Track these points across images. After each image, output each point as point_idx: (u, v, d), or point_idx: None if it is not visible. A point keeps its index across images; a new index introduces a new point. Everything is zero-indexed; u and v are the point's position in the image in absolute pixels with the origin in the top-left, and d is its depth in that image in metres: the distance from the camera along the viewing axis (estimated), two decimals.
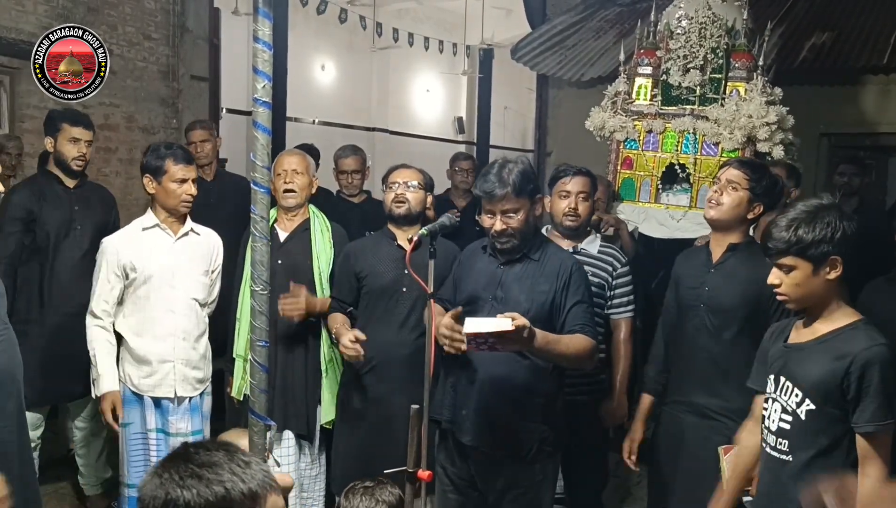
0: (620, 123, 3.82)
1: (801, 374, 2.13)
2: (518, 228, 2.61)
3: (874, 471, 2.02)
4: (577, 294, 2.63)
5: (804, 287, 2.11)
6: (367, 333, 2.99)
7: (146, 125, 5.59)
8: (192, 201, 3.24)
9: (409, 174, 3.23)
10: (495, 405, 2.63)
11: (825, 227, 2.06)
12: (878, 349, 2.04)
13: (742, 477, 2.41)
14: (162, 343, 3.22)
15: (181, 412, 3.24)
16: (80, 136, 3.63)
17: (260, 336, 2.29)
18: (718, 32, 3.67)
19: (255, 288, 2.28)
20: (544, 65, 6.40)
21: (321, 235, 3.38)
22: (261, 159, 2.28)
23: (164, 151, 3.23)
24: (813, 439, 2.12)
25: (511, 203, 2.58)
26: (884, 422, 2.01)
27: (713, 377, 2.76)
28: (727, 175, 2.79)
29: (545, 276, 2.64)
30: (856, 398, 2.03)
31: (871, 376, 2.01)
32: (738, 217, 2.76)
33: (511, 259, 2.68)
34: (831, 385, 2.06)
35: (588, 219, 3.29)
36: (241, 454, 1.23)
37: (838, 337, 2.11)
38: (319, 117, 8.79)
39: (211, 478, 1.17)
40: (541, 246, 2.72)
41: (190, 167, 3.23)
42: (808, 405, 2.11)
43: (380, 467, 2.73)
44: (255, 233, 2.28)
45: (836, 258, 2.07)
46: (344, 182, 4.70)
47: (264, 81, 2.25)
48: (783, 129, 3.61)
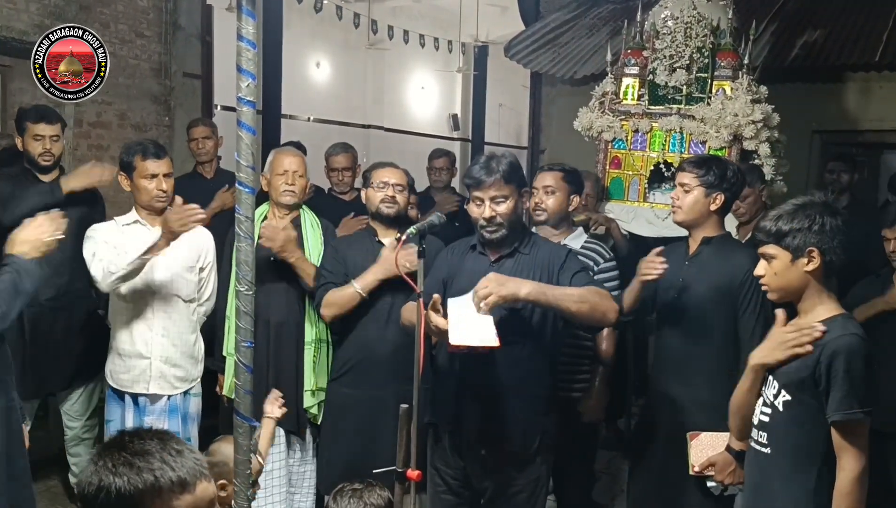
0: (608, 123, 3.85)
1: (780, 366, 2.16)
2: (506, 215, 2.63)
3: (847, 463, 2.03)
4: (573, 268, 2.64)
5: (782, 277, 2.16)
6: (351, 330, 3.01)
7: (138, 123, 5.59)
8: (165, 195, 3.20)
9: (397, 175, 3.25)
10: (500, 402, 2.63)
11: (804, 219, 2.11)
12: (846, 339, 2.05)
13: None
14: (139, 339, 3.21)
15: (157, 412, 3.23)
16: (43, 132, 3.62)
17: (245, 337, 2.30)
18: (704, 32, 3.70)
19: (240, 288, 2.28)
20: (537, 62, 6.40)
21: (312, 230, 3.40)
22: (245, 159, 2.28)
23: (134, 148, 3.22)
24: (789, 430, 2.14)
25: (500, 190, 2.61)
26: (850, 411, 2.02)
27: (685, 369, 2.82)
28: (679, 179, 2.90)
29: (539, 268, 2.66)
30: (826, 388, 2.06)
31: (838, 365, 2.03)
32: (701, 213, 2.84)
33: (502, 255, 2.69)
34: (804, 376, 2.09)
35: (561, 213, 3.28)
36: (175, 442, 1.29)
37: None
38: (315, 115, 8.79)
39: (141, 466, 1.23)
40: (530, 240, 2.75)
41: (161, 162, 3.19)
42: (785, 397, 2.14)
43: (367, 465, 2.74)
44: (240, 233, 2.28)
45: (812, 250, 2.10)
46: (335, 179, 4.71)
47: (248, 80, 2.25)
48: (769, 127, 3.64)
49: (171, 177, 3.25)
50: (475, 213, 2.67)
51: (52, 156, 3.67)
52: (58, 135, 3.69)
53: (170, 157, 3.32)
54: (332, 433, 3.23)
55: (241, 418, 2.27)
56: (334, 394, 3.24)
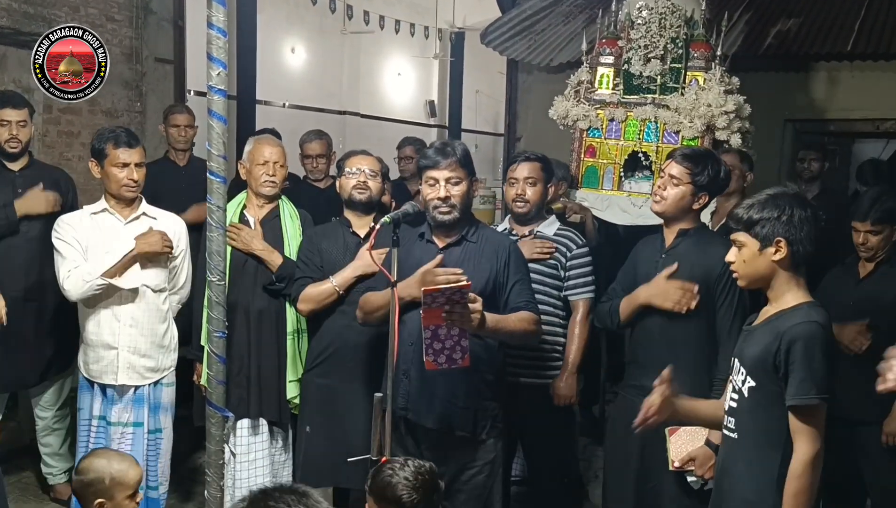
0: (583, 111, 3.85)
1: (747, 353, 2.22)
2: (460, 198, 2.70)
3: (802, 447, 2.07)
4: (518, 273, 2.77)
5: (750, 265, 2.21)
6: (324, 321, 3.01)
7: (109, 109, 5.49)
8: (135, 185, 3.19)
9: (370, 162, 3.25)
10: (451, 387, 2.69)
11: (774, 208, 2.16)
12: (805, 326, 2.10)
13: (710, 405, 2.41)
14: (107, 329, 3.19)
15: (124, 402, 3.21)
16: (9, 117, 3.58)
17: (217, 327, 2.30)
18: (678, 23, 3.72)
19: (212, 279, 2.28)
20: (514, 50, 6.38)
21: (291, 221, 3.39)
22: (216, 149, 2.27)
23: (106, 135, 3.20)
24: (754, 416, 2.18)
25: (454, 171, 2.69)
26: (806, 396, 2.06)
27: (664, 361, 2.80)
28: (669, 169, 2.87)
29: (485, 257, 2.74)
30: (785, 373, 2.10)
31: (796, 351, 2.08)
32: (683, 210, 2.84)
33: (450, 243, 2.75)
34: (767, 362, 2.13)
35: (540, 203, 3.32)
36: (313, 501, 1.25)
37: (781, 317, 2.18)
38: (290, 101, 8.70)
39: None
40: (477, 229, 2.81)
41: (133, 151, 3.17)
42: (750, 383, 2.18)
43: (342, 454, 2.76)
44: (212, 223, 2.27)
45: (780, 240, 2.14)
46: (309, 167, 4.67)
47: (219, 69, 2.24)
48: (741, 117, 3.67)
49: (142, 166, 3.22)
50: (429, 194, 2.71)
51: (19, 142, 3.61)
52: (25, 120, 3.63)
53: (142, 146, 3.29)
54: (309, 424, 3.22)
55: (213, 408, 2.27)
56: (309, 384, 3.24)
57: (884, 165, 5.96)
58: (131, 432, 3.20)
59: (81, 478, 2.25)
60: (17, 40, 4.85)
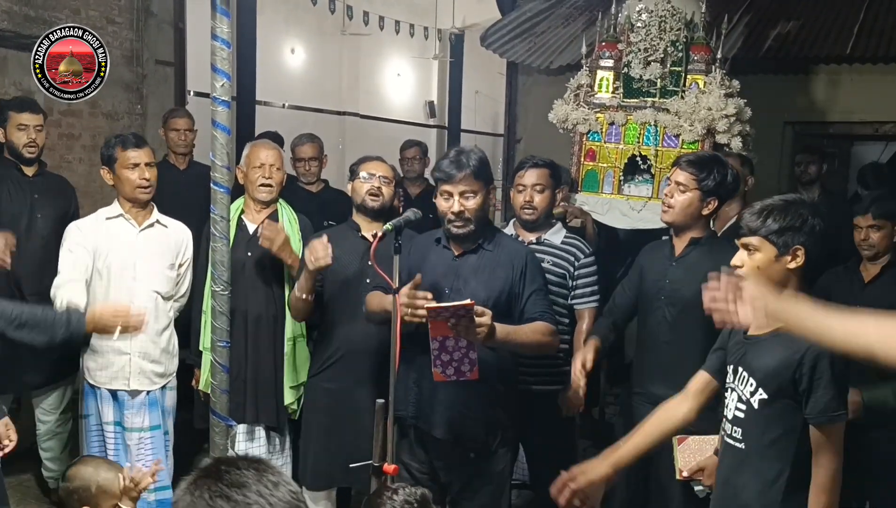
0: (583, 115, 3.86)
1: (756, 364, 2.18)
2: (474, 211, 2.66)
3: (827, 461, 2.07)
4: (534, 283, 2.71)
5: (764, 271, 2.17)
6: (332, 325, 3.00)
7: (110, 111, 5.49)
8: (149, 185, 3.20)
9: (384, 168, 3.24)
10: (461, 397, 2.67)
11: (796, 217, 2.14)
12: None
13: (647, 434, 2.34)
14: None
15: (137, 406, 3.23)
16: (27, 122, 3.60)
17: (221, 337, 2.31)
18: (678, 26, 3.73)
19: (216, 289, 2.28)
20: (513, 52, 6.39)
21: (289, 226, 3.38)
22: (220, 159, 2.28)
23: (113, 140, 3.24)
24: (764, 427, 2.17)
25: (469, 184, 2.64)
26: (836, 413, 2.06)
27: (672, 369, 2.80)
28: (675, 176, 2.85)
29: (501, 266, 2.70)
30: (808, 389, 2.08)
31: (823, 368, 2.06)
32: (692, 216, 2.82)
33: (466, 250, 2.72)
34: (784, 376, 2.11)
35: (548, 209, 3.31)
36: (271, 473, 1.23)
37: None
38: (289, 101, 8.70)
39: (239, 500, 1.18)
40: (494, 237, 2.78)
41: (141, 151, 3.19)
42: (761, 395, 2.16)
43: (346, 460, 2.76)
44: (216, 233, 2.28)
45: (799, 248, 2.14)
46: (301, 170, 4.63)
47: (223, 80, 2.25)
48: (741, 120, 3.68)
49: (153, 166, 3.24)
50: (443, 207, 2.69)
51: (37, 147, 3.66)
52: (41, 125, 3.67)
53: (150, 147, 3.31)
54: (313, 428, 3.22)
55: (217, 417, 2.28)
56: (314, 389, 3.24)
57: (885, 169, 5.97)
58: (150, 436, 3.22)
59: (67, 485, 2.26)
60: (17, 43, 4.85)
